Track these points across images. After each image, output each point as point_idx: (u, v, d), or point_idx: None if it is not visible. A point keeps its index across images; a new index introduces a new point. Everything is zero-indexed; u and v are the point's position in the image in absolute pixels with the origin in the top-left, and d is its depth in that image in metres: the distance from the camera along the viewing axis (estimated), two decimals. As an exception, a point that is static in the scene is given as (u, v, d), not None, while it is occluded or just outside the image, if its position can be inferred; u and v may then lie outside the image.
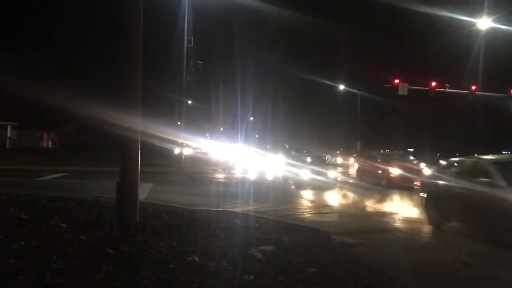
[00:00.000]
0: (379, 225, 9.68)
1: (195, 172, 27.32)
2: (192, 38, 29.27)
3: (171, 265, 5.12)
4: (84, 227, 6.92)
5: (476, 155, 10.58)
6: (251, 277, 4.91)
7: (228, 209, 10.40)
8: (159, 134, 29.83)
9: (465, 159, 10.19)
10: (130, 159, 7.40)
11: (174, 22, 29.97)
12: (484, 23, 30.32)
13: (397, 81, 30.85)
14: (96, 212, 8.49)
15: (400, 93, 31.08)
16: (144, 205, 9.28)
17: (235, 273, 5.02)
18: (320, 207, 12.60)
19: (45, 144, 54.17)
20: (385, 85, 32.41)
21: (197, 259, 5.37)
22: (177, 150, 31.98)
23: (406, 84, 31.02)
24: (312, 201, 13.99)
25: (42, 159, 28.61)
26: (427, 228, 9.27)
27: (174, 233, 6.78)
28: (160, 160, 31.43)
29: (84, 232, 6.48)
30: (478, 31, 31.67)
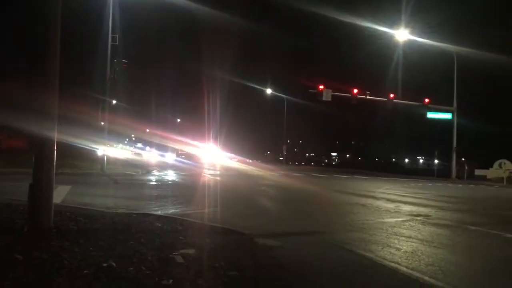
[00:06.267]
0: (302, 227, 9.88)
1: (119, 174, 26.52)
2: (117, 36, 28.43)
3: (85, 271, 4.89)
4: (-9, 232, 6.45)
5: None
6: (170, 281, 4.80)
7: (151, 212, 10.16)
8: (80, 135, 28.70)
9: None
10: (44, 159, 6.99)
11: (100, 19, 28.90)
12: (402, 35, 32.18)
13: (321, 87, 31.85)
14: (6, 215, 7.97)
15: (324, 99, 32.13)
16: (60, 208, 8.87)
17: (154, 277, 4.88)
18: (246, 209, 12.65)
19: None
20: (310, 90, 33.41)
21: (114, 264, 5.17)
22: (100, 151, 30.87)
23: (330, 90, 32.11)
24: (238, 203, 14.01)
25: None
26: (343, 228, 9.58)
27: (91, 238, 6.49)
28: (80, 161, 30.18)
29: (-9, 237, 6.04)
30: (396, 42, 33.61)
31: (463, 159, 38.66)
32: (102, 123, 31.78)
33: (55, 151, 7.16)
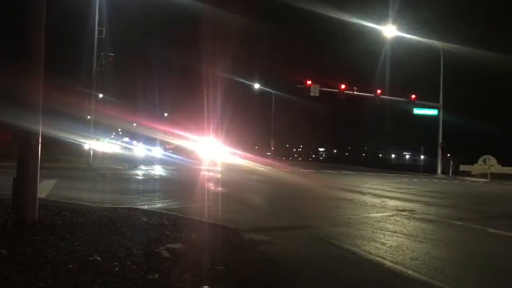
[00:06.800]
0: (289, 222, 9.92)
1: (106, 168, 26.34)
2: (104, 28, 28.18)
3: (70, 266, 4.85)
4: (-26, 226, 6.37)
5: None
6: (156, 276, 4.79)
7: (137, 207, 10.12)
8: (66, 128, 28.43)
9: None
10: (29, 153, 6.90)
11: (87, 12, 28.58)
12: (389, 31, 32.33)
13: (309, 82, 31.92)
14: (-10, 210, 7.85)
15: (312, 94, 32.22)
16: (45, 202, 8.79)
17: (139, 272, 4.86)
18: (233, 204, 12.63)
19: None
20: (297, 85, 33.50)
21: (99, 258, 5.14)
22: (87, 145, 30.63)
23: (318, 86, 32.21)
24: (226, 198, 14.00)
25: None
26: (329, 222, 9.63)
27: (76, 232, 6.45)
28: (66, 155, 29.95)
29: (-26, 232, 5.97)
30: (384, 38, 33.78)
31: (448, 155, 39.06)
32: (89, 117, 31.50)
33: (40, 145, 7.09)
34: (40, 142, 7.04)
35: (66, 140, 29.56)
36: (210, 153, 45.43)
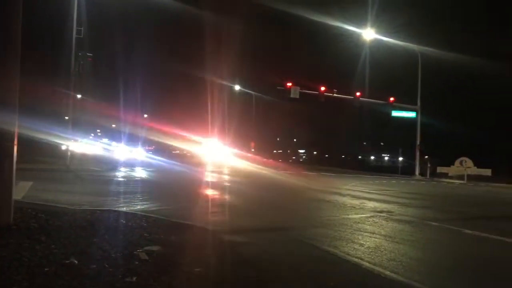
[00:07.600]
0: (268, 223, 9.94)
1: (84, 169, 26.02)
2: (82, 28, 27.86)
3: (46, 269, 4.78)
4: None
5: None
6: (134, 278, 4.75)
7: (115, 209, 10.01)
8: (44, 129, 28.00)
9: None
10: (4, 154, 6.77)
11: (66, 11, 28.22)
12: (369, 34, 32.74)
13: (289, 84, 32.10)
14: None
15: (292, 96, 32.41)
16: (21, 204, 8.63)
17: (117, 274, 4.82)
18: (213, 205, 12.62)
19: None
20: (278, 87, 33.64)
21: (76, 261, 5.07)
22: (64, 146, 30.18)
23: (298, 88, 32.42)
24: (206, 199, 13.96)
25: None
26: (309, 224, 9.69)
27: (52, 235, 6.35)
28: (44, 156, 29.48)
29: None
30: (363, 42, 34.20)
31: (426, 156, 39.61)
32: (67, 117, 31.07)
33: (16, 145, 6.97)
34: (15, 142, 6.93)
35: (43, 141, 29.11)
36: (195, 151, 45.11)
